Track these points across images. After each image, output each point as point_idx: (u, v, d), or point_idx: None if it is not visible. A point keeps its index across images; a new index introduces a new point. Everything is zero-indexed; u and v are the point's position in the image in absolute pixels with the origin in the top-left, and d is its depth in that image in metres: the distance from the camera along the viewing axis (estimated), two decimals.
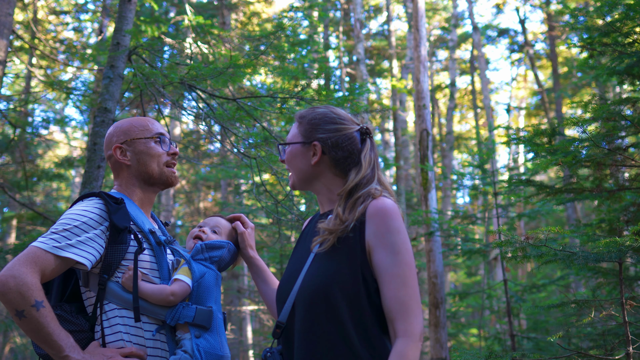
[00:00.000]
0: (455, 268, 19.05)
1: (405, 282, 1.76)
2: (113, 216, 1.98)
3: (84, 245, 1.93)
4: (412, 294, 1.76)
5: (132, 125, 2.20)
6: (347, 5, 16.56)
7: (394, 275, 1.76)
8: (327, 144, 1.92)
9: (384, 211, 1.80)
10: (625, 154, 4.69)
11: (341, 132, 1.93)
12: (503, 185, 7.17)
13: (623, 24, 4.52)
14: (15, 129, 8.29)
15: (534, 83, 21.69)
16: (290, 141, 1.99)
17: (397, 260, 1.77)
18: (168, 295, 1.98)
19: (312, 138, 1.94)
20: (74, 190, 19.57)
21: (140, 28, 7.16)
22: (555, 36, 16.83)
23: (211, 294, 2.07)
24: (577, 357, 4.00)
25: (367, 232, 1.80)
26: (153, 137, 2.19)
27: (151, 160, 2.17)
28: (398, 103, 16.42)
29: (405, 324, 1.73)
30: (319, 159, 1.93)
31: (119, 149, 2.17)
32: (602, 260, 3.43)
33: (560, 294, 9.77)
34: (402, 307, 1.75)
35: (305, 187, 2.01)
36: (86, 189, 4.45)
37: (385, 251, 1.77)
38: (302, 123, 1.98)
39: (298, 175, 1.99)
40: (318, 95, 5.32)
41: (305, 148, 1.95)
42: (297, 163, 1.97)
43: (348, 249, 1.80)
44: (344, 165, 1.93)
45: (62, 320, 1.95)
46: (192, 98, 5.66)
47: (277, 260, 9.26)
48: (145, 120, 2.23)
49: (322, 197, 1.98)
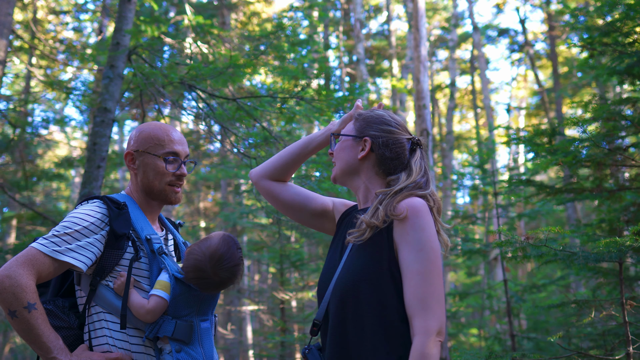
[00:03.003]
0: (455, 268, 19.05)
1: (427, 279, 1.77)
2: (114, 222, 2.01)
3: (83, 250, 1.96)
4: (433, 291, 1.77)
5: (150, 137, 2.17)
6: (347, 5, 16.55)
7: (416, 272, 1.78)
8: (377, 142, 1.98)
9: (410, 209, 1.82)
10: (625, 154, 4.69)
11: (392, 135, 1.99)
12: (503, 185, 7.16)
13: (623, 24, 4.52)
14: (15, 129, 8.29)
15: (534, 83, 21.69)
16: (344, 133, 2.06)
17: (419, 257, 1.79)
18: (145, 315, 1.97)
19: (364, 133, 2.00)
20: (73, 190, 19.56)
21: (140, 28, 7.15)
22: (555, 36, 16.82)
23: (192, 307, 2.05)
24: (577, 357, 3.99)
25: (395, 229, 1.83)
26: (162, 155, 2.16)
27: (155, 176, 2.16)
28: (398, 103, 16.42)
29: (423, 321, 1.74)
30: (366, 154, 1.99)
31: (130, 155, 2.18)
32: (602, 260, 3.42)
33: (561, 294, 9.77)
34: (421, 304, 1.76)
35: (346, 180, 2.05)
36: (86, 189, 4.45)
37: (408, 247, 1.80)
38: (358, 120, 2.05)
39: (342, 167, 2.04)
40: (318, 95, 5.32)
41: (355, 142, 2.02)
42: (345, 155, 2.03)
43: (377, 246, 1.84)
44: (388, 166, 1.98)
45: (52, 315, 2.01)
46: (192, 98, 5.66)
47: (277, 260, 9.25)
48: (164, 133, 2.19)
49: (359, 194, 2.03)
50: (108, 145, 4.63)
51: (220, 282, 2.03)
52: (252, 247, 13.18)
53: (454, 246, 8.07)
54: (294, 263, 9.29)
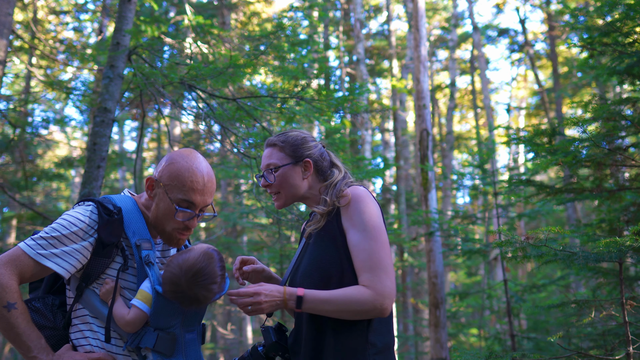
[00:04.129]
0: (455, 268, 19.06)
1: (374, 253, 2.00)
2: (102, 230, 1.97)
3: (68, 256, 1.94)
4: (379, 261, 1.99)
5: (175, 175, 2.04)
6: (347, 5, 16.55)
7: (362, 248, 2.01)
8: (314, 158, 2.23)
9: (354, 197, 2.07)
10: (625, 154, 4.69)
11: (317, 147, 2.26)
12: (503, 185, 7.16)
13: (623, 24, 4.52)
14: (15, 129, 8.28)
15: (534, 83, 21.69)
16: (280, 164, 2.20)
17: (365, 236, 2.02)
18: (124, 326, 1.95)
19: (303, 156, 2.21)
20: (73, 190, 19.56)
21: (140, 28, 7.15)
22: (555, 36, 16.82)
23: (175, 318, 2.00)
24: (578, 357, 3.99)
25: (342, 218, 2.08)
26: (176, 201, 2.04)
27: (164, 217, 2.06)
28: (398, 103, 16.42)
29: (371, 276, 1.98)
30: (310, 173, 2.22)
31: (152, 181, 2.09)
32: (603, 260, 3.42)
33: (561, 294, 9.77)
34: (370, 273, 1.98)
35: (296, 200, 2.25)
36: (86, 189, 4.45)
37: (354, 229, 2.04)
38: (284, 147, 2.22)
39: (292, 193, 2.21)
40: (318, 95, 5.32)
41: (296, 166, 2.21)
42: (291, 182, 2.20)
43: (330, 235, 2.09)
44: (324, 171, 2.25)
45: (39, 314, 2.02)
46: (192, 98, 5.66)
47: (277, 260, 9.25)
48: (189, 178, 2.04)
49: (310, 202, 2.24)
50: (108, 145, 4.63)
51: (194, 298, 1.96)
52: (252, 247, 13.19)
53: (454, 246, 8.07)
54: None
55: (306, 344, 2.05)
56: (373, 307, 1.95)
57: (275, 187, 2.20)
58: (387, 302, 1.96)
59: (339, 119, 8.99)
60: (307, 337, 2.05)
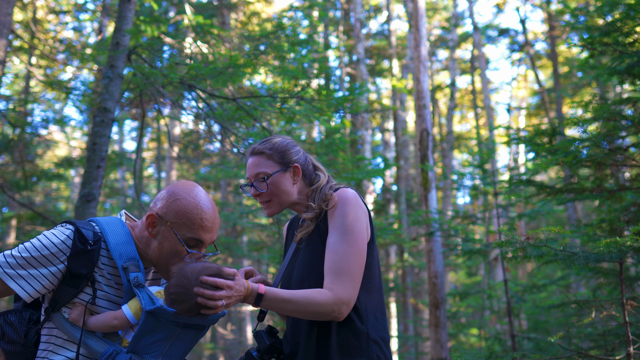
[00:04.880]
0: (455, 268, 19.05)
1: (344, 257, 2.00)
2: (72, 260, 1.89)
3: (33, 280, 1.88)
4: (347, 267, 1.99)
5: (182, 213, 1.96)
6: (347, 5, 16.55)
7: (334, 250, 2.02)
8: (301, 163, 2.25)
9: (340, 199, 2.10)
10: (625, 154, 4.69)
11: (301, 151, 2.29)
12: (503, 185, 7.16)
13: (624, 24, 4.51)
14: (15, 128, 8.28)
15: (535, 83, 21.69)
16: (271, 172, 2.19)
17: (341, 238, 2.03)
18: (112, 319, 1.89)
19: (291, 161, 2.22)
20: (73, 190, 19.56)
21: (140, 28, 7.15)
22: (555, 36, 16.81)
23: (157, 346, 1.90)
24: (578, 358, 3.99)
25: (328, 219, 2.11)
26: (186, 240, 1.96)
27: (170, 256, 1.98)
28: (398, 103, 16.41)
29: (335, 280, 1.98)
30: (300, 177, 2.23)
31: (153, 218, 1.98)
32: (603, 261, 3.42)
33: (561, 294, 9.77)
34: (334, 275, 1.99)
35: (287, 207, 2.24)
36: (86, 189, 4.45)
37: (333, 230, 2.06)
38: (271, 155, 2.22)
39: (284, 199, 2.21)
40: (318, 95, 5.31)
41: (286, 173, 2.21)
42: (283, 188, 2.20)
43: (321, 238, 2.11)
44: (309, 174, 2.28)
45: (12, 328, 2.00)
46: (192, 98, 5.66)
47: (277, 260, 9.25)
48: (197, 216, 1.96)
49: (301, 208, 2.24)
50: (108, 145, 4.63)
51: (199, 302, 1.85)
52: (252, 247, 13.19)
53: (454, 246, 8.07)
54: None
55: (307, 343, 2.05)
56: (330, 311, 1.95)
57: (267, 195, 2.18)
58: (344, 309, 1.97)
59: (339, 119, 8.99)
60: (308, 336, 2.06)
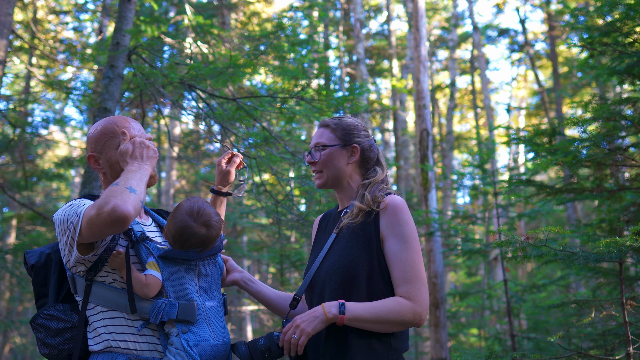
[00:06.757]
0: (455, 268, 19.05)
1: (413, 265, 2.04)
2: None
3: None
4: (418, 275, 2.04)
5: (100, 133, 2.16)
6: (347, 5, 16.55)
7: (402, 259, 2.05)
8: (363, 146, 2.26)
9: (395, 206, 2.10)
10: (625, 154, 4.69)
11: (369, 138, 2.30)
12: (503, 185, 7.16)
13: (623, 24, 4.52)
14: (15, 128, 8.28)
15: (534, 83, 21.69)
16: (328, 144, 2.24)
17: (405, 247, 2.06)
18: (143, 286, 1.98)
19: (352, 141, 2.25)
20: (73, 190, 19.56)
21: (140, 28, 7.15)
22: (555, 36, 16.82)
23: (190, 285, 2.06)
24: (578, 357, 3.99)
25: (381, 223, 2.10)
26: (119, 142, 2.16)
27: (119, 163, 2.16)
28: (398, 103, 16.41)
29: (411, 288, 2.02)
30: (356, 159, 2.24)
31: (90, 157, 2.17)
32: (603, 260, 3.42)
33: (561, 294, 9.77)
34: (408, 280, 2.03)
35: (335, 184, 2.27)
36: (86, 189, 4.45)
37: (395, 239, 2.07)
38: (335, 129, 2.26)
39: (334, 174, 2.24)
40: (318, 95, 5.31)
41: (343, 150, 2.24)
42: (335, 162, 2.24)
43: (367, 237, 2.10)
44: (368, 164, 2.29)
45: (54, 320, 2.02)
46: (192, 98, 5.66)
47: (277, 260, 9.25)
48: (110, 123, 2.17)
49: (344, 194, 2.27)
50: None
51: (204, 236, 2.06)
52: (252, 247, 13.19)
53: (454, 246, 8.07)
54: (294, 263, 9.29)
55: (326, 348, 2.05)
56: (413, 318, 2.00)
57: (319, 165, 2.24)
58: (424, 314, 2.03)
59: None
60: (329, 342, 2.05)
